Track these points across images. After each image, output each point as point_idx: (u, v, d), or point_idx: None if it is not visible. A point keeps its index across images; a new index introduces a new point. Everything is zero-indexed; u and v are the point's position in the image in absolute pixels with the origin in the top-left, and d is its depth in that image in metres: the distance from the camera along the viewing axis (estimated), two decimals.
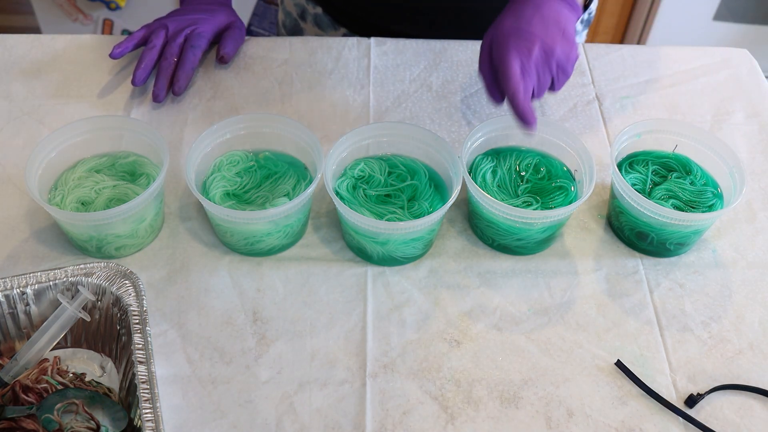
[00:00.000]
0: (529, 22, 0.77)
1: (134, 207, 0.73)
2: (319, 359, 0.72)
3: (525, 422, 0.68)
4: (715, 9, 2.03)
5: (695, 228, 0.77)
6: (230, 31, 1.01)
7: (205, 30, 0.98)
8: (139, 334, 0.64)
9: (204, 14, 1.00)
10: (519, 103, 0.75)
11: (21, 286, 0.68)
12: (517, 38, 0.77)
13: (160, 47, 0.96)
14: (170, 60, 0.95)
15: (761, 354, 0.74)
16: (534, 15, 0.78)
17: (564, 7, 0.80)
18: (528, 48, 0.76)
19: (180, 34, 0.97)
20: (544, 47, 0.77)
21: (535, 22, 0.77)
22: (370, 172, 0.81)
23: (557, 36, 0.78)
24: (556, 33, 0.78)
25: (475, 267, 0.80)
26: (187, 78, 0.95)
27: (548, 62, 0.78)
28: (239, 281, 0.78)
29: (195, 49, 0.96)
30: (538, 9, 0.79)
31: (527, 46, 0.76)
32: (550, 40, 0.77)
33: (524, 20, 0.78)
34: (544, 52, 0.77)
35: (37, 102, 0.95)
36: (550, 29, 0.78)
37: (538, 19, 0.78)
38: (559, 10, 0.79)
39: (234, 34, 1.01)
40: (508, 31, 0.78)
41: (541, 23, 0.78)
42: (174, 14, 1.00)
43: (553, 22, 0.78)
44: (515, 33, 0.77)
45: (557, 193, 0.80)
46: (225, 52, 0.99)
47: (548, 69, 0.78)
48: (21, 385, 0.64)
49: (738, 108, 0.98)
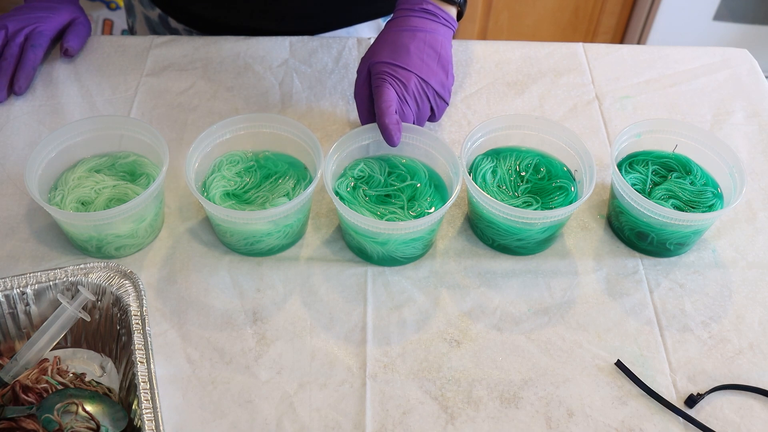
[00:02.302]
0: (406, 57, 0.80)
1: (134, 207, 0.73)
2: (319, 359, 0.72)
3: (525, 422, 0.68)
4: (715, 9, 2.03)
5: (695, 228, 0.77)
6: (73, 27, 1.01)
7: (46, 28, 0.98)
8: (139, 334, 0.64)
9: (45, 12, 1.00)
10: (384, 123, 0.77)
11: (21, 286, 0.68)
12: (393, 76, 0.80)
13: (0, 48, 0.96)
14: (10, 60, 0.95)
15: (761, 354, 0.74)
16: (410, 45, 0.81)
17: (439, 27, 0.83)
18: (404, 84, 0.80)
19: (20, 33, 0.97)
20: (420, 81, 0.80)
21: (412, 57, 0.80)
22: (370, 172, 0.81)
23: (432, 66, 0.81)
24: (432, 63, 0.81)
25: (475, 267, 0.80)
26: (27, 78, 0.95)
27: (426, 92, 0.81)
28: (239, 281, 0.78)
29: (36, 48, 0.96)
30: (413, 37, 0.81)
31: (403, 82, 0.80)
32: (425, 73, 0.81)
33: (401, 57, 0.80)
34: (419, 85, 0.80)
35: (37, 102, 0.95)
36: (425, 61, 0.81)
37: (414, 49, 0.80)
38: (434, 34, 0.82)
39: (77, 28, 1.01)
40: (384, 65, 0.80)
41: (417, 57, 0.80)
42: (14, 13, 1.00)
43: (428, 51, 0.81)
44: (391, 71, 0.80)
45: (557, 193, 0.80)
46: (69, 45, 0.99)
47: (426, 98, 0.82)
48: (21, 385, 0.64)
49: (738, 108, 0.98)
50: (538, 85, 1.00)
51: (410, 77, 0.80)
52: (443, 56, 0.82)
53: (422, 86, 0.81)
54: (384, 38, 0.82)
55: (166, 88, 0.97)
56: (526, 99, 0.98)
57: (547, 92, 0.99)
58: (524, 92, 0.99)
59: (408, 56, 0.80)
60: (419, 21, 0.82)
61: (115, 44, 1.03)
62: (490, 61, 1.03)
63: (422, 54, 0.81)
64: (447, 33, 0.84)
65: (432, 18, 0.82)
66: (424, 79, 0.80)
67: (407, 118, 0.81)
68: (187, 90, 0.97)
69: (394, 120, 0.77)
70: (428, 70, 0.81)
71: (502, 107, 0.97)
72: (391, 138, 0.77)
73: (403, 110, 0.80)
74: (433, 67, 0.81)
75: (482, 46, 1.06)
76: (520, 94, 0.99)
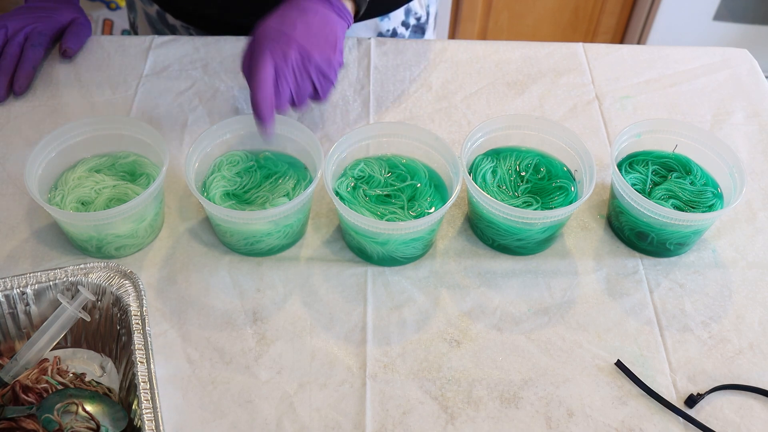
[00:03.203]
0: (292, 26, 0.77)
1: (134, 207, 0.73)
2: (319, 359, 0.72)
3: (525, 422, 0.68)
4: (715, 9, 2.03)
5: (695, 228, 0.77)
6: (73, 27, 1.01)
7: (46, 28, 0.98)
8: (139, 334, 0.64)
9: (45, 12, 1.00)
10: (257, 102, 0.75)
11: (21, 286, 0.68)
12: (275, 41, 0.76)
13: (0, 47, 0.96)
14: (10, 59, 0.95)
15: (761, 354, 0.74)
16: (297, 19, 0.77)
17: (331, 13, 0.80)
18: (284, 52, 0.76)
19: (20, 33, 0.97)
20: (302, 52, 0.76)
21: (297, 26, 0.77)
22: (370, 172, 0.82)
23: (319, 41, 0.78)
24: (319, 38, 0.78)
25: (475, 267, 0.80)
26: (27, 77, 0.95)
27: (306, 68, 0.77)
28: (239, 281, 0.78)
29: (36, 47, 0.96)
30: (303, 13, 0.78)
31: (283, 49, 0.76)
32: (309, 45, 0.77)
33: (287, 23, 0.77)
34: (300, 56, 0.77)
35: (37, 102, 0.95)
36: (311, 34, 0.77)
37: (302, 23, 0.77)
38: (325, 15, 0.79)
39: (77, 29, 1.01)
40: (267, 33, 0.77)
41: (303, 27, 0.77)
42: (14, 13, 1.00)
43: (317, 28, 0.78)
44: (275, 35, 0.76)
45: (557, 193, 0.80)
46: (67, 46, 0.99)
47: (307, 75, 0.78)
48: (21, 385, 0.64)
49: (738, 108, 0.98)
50: (538, 85, 1.00)
51: (292, 46, 0.76)
52: (330, 36, 0.78)
53: (303, 59, 0.77)
54: (276, 12, 0.79)
55: (166, 88, 0.97)
56: (526, 99, 0.98)
57: (547, 92, 0.99)
58: (524, 92, 0.99)
59: (295, 27, 0.77)
60: (312, 3, 0.79)
61: (115, 44, 1.03)
62: (490, 61, 1.03)
63: (310, 28, 0.77)
64: (340, 22, 0.81)
65: (326, 4, 0.80)
66: (307, 50, 0.77)
67: (282, 94, 0.77)
68: (187, 90, 0.97)
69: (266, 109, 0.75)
70: (314, 43, 0.77)
71: (502, 107, 0.97)
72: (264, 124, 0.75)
73: (278, 86, 0.76)
74: (320, 41, 0.77)
75: (482, 46, 1.06)
76: (520, 94, 0.99)
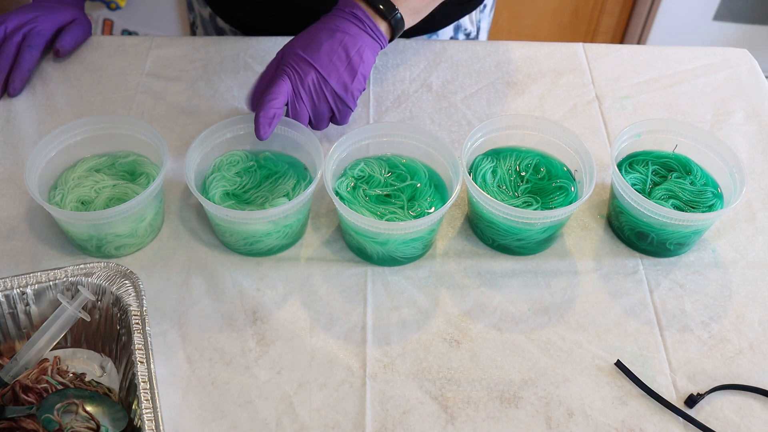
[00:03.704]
0: (316, 50, 0.79)
1: (134, 206, 0.73)
2: (318, 359, 0.72)
3: (525, 422, 0.68)
4: (715, 9, 2.03)
5: (695, 228, 0.77)
6: (70, 27, 1.00)
7: (44, 28, 0.98)
8: (139, 334, 0.64)
9: (46, 11, 0.99)
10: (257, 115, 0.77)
11: (21, 286, 0.68)
12: (297, 62, 0.79)
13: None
14: (5, 60, 0.95)
15: (761, 354, 0.74)
16: (324, 42, 0.80)
17: (362, 34, 0.81)
18: (302, 75, 0.79)
19: (18, 32, 0.96)
20: (318, 77, 0.79)
21: (322, 49, 0.79)
22: (370, 172, 0.81)
23: (338, 66, 0.80)
24: (339, 64, 0.80)
25: (475, 267, 0.80)
26: (22, 80, 0.95)
27: (323, 91, 0.80)
28: (239, 281, 0.78)
29: (32, 48, 0.96)
30: (331, 36, 0.80)
31: (302, 72, 0.79)
32: (326, 70, 0.79)
33: (312, 47, 0.80)
34: (317, 81, 0.79)
35: (37, 102, 0.95)
36: (332, 60, 0.80)
37: (327, 46, 0.80)
38: (355, 38, 0.81)
39: (74, 29, 1.00)
40: (293, 53, 0.80)
41: (327, 51, 0.80)
42: (15, 12, 0.99)
43: (339, 52, 0.80)
44: (298, 57, 0.79)
45: (557, 193, 0.80)
46: (60, 45, 0.98)
47: (324, 98, 0.80)
48: (21, 385, 0.64)
49: (738, 108, 0.98)
50: (538, 85, 1.00)
51: (309, 72, 0.79)
52: (354, 60, 0.80)
53: (320, 83, 0.79)
54: (307, 31, 0.82)
55: (166, 88, 0.97)
56: (526, 99, 0.98)
57: (547, 92, 0.99)
58: (524, 92, 0.99)
59: (318, 52, 0.79)
60: (344, 23, 0.81)
61: (115, 44, 1.03)
62: (490, 61, 1.03)
63: (332, 53, 0.80)
64: (371, 43, 0.82)
65: (357, 24, 0.81)
66: (323, 77, 0.79)
67: (300, 114, 0.80)
68: (187, 90, 0.97)
69: (269, 114, 0.76)
70: (331, 69, 0.79)
71: (502, 107, 0.97)
72: (258, 130, 0.77)
73: (296, 105, 0.79)
74: (339, 67, 0.80)
75: (482, 46, 1.06)
76: (520, 94, 0.99)
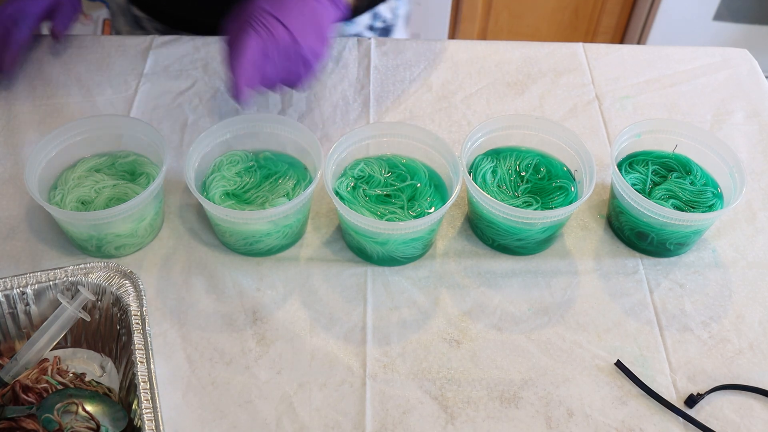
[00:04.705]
0: (284, 9, 0.77)
1: (134, 206, 0.73)
2: (318, 359, 0.72)
3: (525, 422, 0.68)
4: (715, 9, 2.03)
5: (695, 228, 0.77)
6: (61, 7, 1.00)
7: (31, 9, 0.97)
8: (139, 334, 0.64)
9: None
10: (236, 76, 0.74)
11: (21, 286, 0.68)
12: (267, 20, 0.76)
13: None
14: None
15: (761, 354, 0.74)
16: (293, 4, 0.78)
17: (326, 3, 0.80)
18: (272, 32, 0.76)
19: (3, 12, 0.95)
20: (290, 38, 0.76)
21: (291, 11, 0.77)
22: (370, 172, 0.81)
23: (308, 30, 0.78)
24: (308, 27, 0.78)
25: (475, 267, 0.80)
26: (13, 58, 0.94)
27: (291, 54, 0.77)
28: (239, 281, 0.78)
29: (21, 28, 0.94)
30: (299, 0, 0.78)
31: (273, 30, 0.76)
32: (298, 32, 0.77)
33: (280, 5, 0.77)
34: (290, 42, 0.76)
35: (37, 102, 0.95)
36: (303, 22, 0.77)
37: (296, 9, 0.77)
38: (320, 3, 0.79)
39: (64, 9, 1.00)
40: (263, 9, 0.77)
41: (296, 14, 0.77)
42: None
43: (309, 15, 0.78)
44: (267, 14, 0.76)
45: (557, 193, 0.80)
46: (57, 29, 0.98)
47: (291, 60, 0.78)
48: (21, 385, 0.64)
49: (738, 108, 0.98)
50: (538, 85, 1.00)
51: (279, 30, 0.76)
52: (323, 25, 0.79)
53: (291, 45, 0.77)
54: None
55: (166, 88, 0.97)
56: (526, 99, 0.98)
57: (547, 92, 0.99)
58: (524, 92, 0.99)
59: (287, 11, 0.77)
60: None
61: (115, 44, 1.03)
62: (490, 61, 1.03)
63: (301, 15, 0.78)
64: (333, 11, 0.81)
65: None
66: (295, 38, 0.77)
67: (270, 77, 0.77)
68: (187, 90, 0.97)
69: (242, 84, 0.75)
70: (302, 30, 0.77)
71: (502, 107, 0.97)
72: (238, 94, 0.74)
73: (265, 67, 0.77)
74: (308, 30, 0.78)
75: (482, 46, 1.06)
76: (520, 94, 0.99)
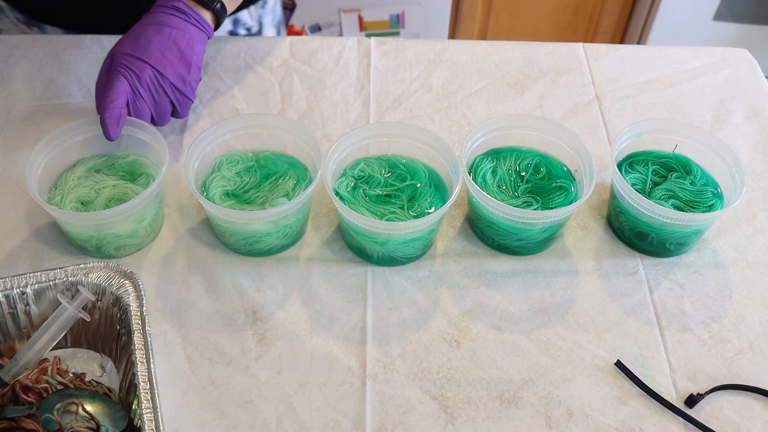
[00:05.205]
0: (146, 47, 0.81)
1: (134, 206, 0.73)
2: (318, 359, 0.72)
3: (525, 422, 0.68)
4: (715, 9, 2.03)
5: (695, 228, 0.77)
6: None
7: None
8: (139, 334, 0.64)
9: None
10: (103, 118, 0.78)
11: (21, 286, 0.68)
12: (129, 65, 0.80)
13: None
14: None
15: (761, 354, 0.74)
16: (153, 37, 0.82)
17: (189, 26, 0.84)
18: (138, 75, 0.80)
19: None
20: (156, 73, 0.81)
21: (152, 46, 0.81)
22: (370, 172, 0.82)
23: (172, 60, 0.82)
24: (172, 57, 0.82)
25: (475, 267, 0.80)
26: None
27: (162, 86, 0.82)
28: (239, 281, 0.78)
29: None
30: (158, 31, 0.82)
31: (137, 73, 0.80)
32: (162, 66, 0.81)
33: (141, 45, 0.81)
34: (155, 78, 0.81)
35: (38, 102, 0.95)
36: (165, 55, 0.81)
37: (157, 41, 0.81)
38: (182, 31, 0.83)
39: None
40: (123, 53, 0.81)
41: (158, 48, 0.81)
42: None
43: (170, 46, 0.82)
44: (128, 59, 0.81)
45: (557, 193, 0.80)
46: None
47: (164, 92, 0.82)
48: (21, 385, 0.64)
49: (738, 108, 0.98)
50: (538, 85, 1.00)
51: (145, 69, 0.80)
52: (186, 52, 0.83)
53: (158, 79, 0.81)
54: (132, 30, 0.83)
55: None
56: (526, 99, 0.98)
57: (547, 92, 0.99)
58: (524, 92, 0.99)
59: (148, 49, 0.81)
60: (168, 18, 0.83)
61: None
62: (490, 61, 1.03)
63: (164, 48, 0.81)
64: (198, 34, 0.84)
65: (182, 17, 0.83)
66: (160, 72, 0.81)
67: (141, 112, 0.81)
68: None
69: (115, 114, 0.78)
70: (166, 63, 0.81)
71: (502, 107, 0.97)
72: (107, 131, 0.78)
73: (137, 104, 0.81)
74: (173, 61, 0.82)
75: (482, 46, 1.06)
76: (520, 94, 0.99)
